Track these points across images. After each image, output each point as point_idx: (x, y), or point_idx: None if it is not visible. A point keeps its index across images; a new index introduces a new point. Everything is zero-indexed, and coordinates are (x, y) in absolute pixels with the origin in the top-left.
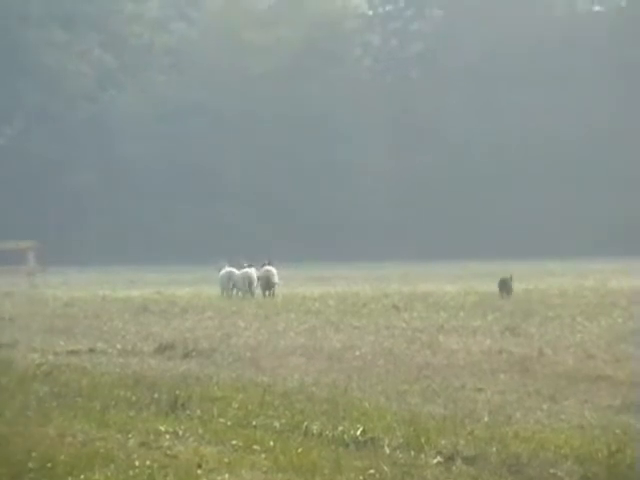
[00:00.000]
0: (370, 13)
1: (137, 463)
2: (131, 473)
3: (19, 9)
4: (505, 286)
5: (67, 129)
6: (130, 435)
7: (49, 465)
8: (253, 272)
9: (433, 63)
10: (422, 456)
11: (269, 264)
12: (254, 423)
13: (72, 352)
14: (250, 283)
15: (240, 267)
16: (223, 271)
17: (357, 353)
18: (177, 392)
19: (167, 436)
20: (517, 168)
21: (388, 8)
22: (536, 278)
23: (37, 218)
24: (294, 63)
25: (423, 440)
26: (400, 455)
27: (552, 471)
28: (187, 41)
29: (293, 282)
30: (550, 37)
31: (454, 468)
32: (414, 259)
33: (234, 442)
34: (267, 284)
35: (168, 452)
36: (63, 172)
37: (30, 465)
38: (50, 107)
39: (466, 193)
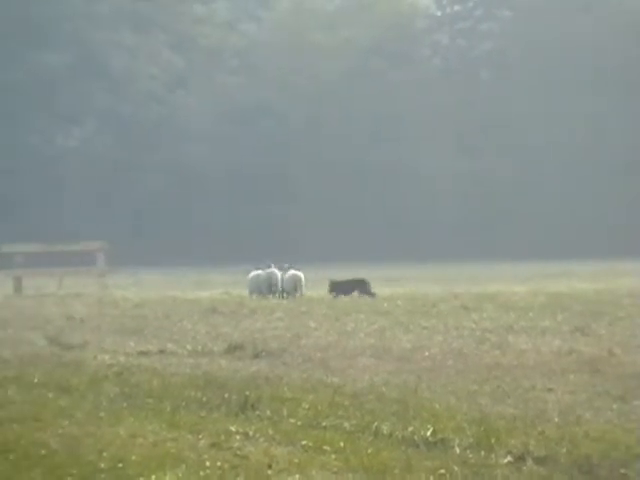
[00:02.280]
0: (439, 13)
1: (208, 464)
2: (202, 474)
3: (88, 11)
4: None
5: (136, 131)
6: (201, 436)
7: (120, 465)
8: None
9: (502, 63)
10: (492, 456)
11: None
12: (324, 424)
13: (142, 353)
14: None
15: (282, 269)
16: (252, 274)
17: (427, 354)
18: (247, 393)
19: (237, 437)
20: (583, 169)
21: (457, 8)
22: (605, 278)
23: (107, 219)
24: (362, 64)
25: (493, 440)
26: (470, 455)
27: (623, 471)
28: (255, 42)
29: None
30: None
31: (524, 468)
32: (483, 259)
33: (304, 443)
34: (294, 287)
35: (238, 453)
36: (132, 173)
37: (102, 465)
38: (119, 109)
39: (533, 194)
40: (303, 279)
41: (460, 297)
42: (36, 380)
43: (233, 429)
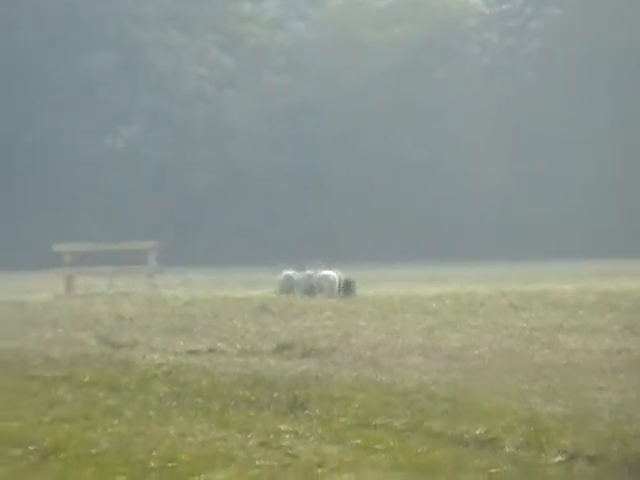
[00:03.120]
0: (487, 11)
1: (257, 463)
2: (252, 473)
3: (136, 12)
4: None
5: (184, 130)
6: (250, 435)
7: (170, 464)
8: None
9: (550, 61)
10: (543, 455)
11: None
12: (374, 422)
13: (192, 352)
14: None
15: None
16: (282, 274)
17: (476, 352)
18: (296, 392)
19: (287, 436)
20: (631, 168)
21: (506, 6)
22: None
23: (156, 219)
24: (411, 62)
25: (544, 439)
26: (521, 454)
27: None
28: (303, 41)
29: (409, 282)
30: None
31: (575, 467)
32: (530, 258)
33: (354, 441)
34: (329, 287)
35: (288, 452)
36: (180, 173)
37: (152, 464)
38: (167, 109)
39: (581, 192)
40: (336, 279)
41: (508, 296)
42: (86, 379)
43: (282, 428)
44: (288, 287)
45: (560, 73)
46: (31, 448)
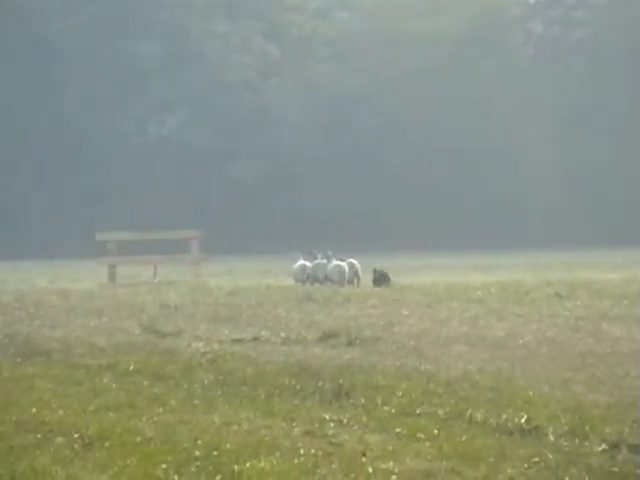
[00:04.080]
0: (532, 1)
1: (302, 451)
2: (296, 461)
3: (182, 0)
4: None
5: (229, 119)
6: (294, 423)
7: (215, 453)
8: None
9: (595, 51)
10: (587, 444)
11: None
12: (418, 411)
13: (236, 341)
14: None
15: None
16: (297, 264)
17: (520, 341)
18: (341, 380)
19: (331, 424)
20: None
21: None
22: None
23: (200, 207)
24: (454, 52)
25: (587, 428)
26: (565, 443)
27: None
28: (348, 31)
29: (455, 270)
30: None
31: (619, 456)
32: (575, 247)
33: (398, 430)
34: (339, 278)
35: (333, 440)
36: (225, 161)
37: (196, 453)
38: (212, 97)
39: (628, 180)
40: (347, 270)
41: (553, 285)
42: (131, 368)
43: (327, 417)
44: (303, 276)
45: (606, 62)
46: (75, 436)
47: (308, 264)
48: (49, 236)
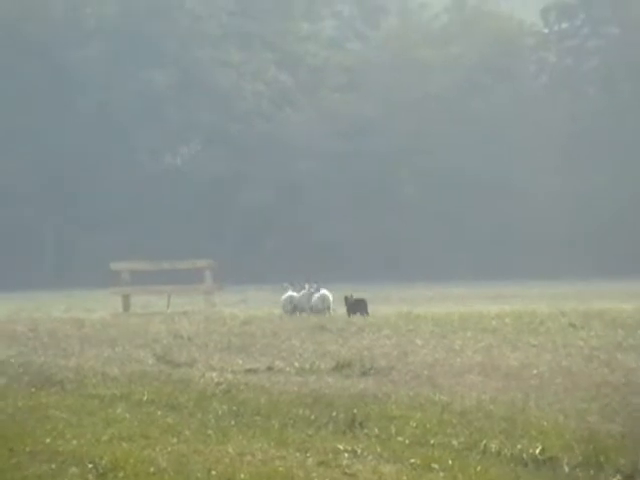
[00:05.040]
0: (546, 31)
1: None
2: None
3: (195, 30)
4: None
5: (243, 148)
6: (309, 454)
7: None
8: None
9: (609, 81)
10: (602, 475)
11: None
12: (432, 441)
13: (250, 370)
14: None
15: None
16: (285, 295)
17: (534, 371)
18: (355, 411)
19: (345, 455)
20: None
21: (564, 26)
22: None
23: (214, 236)
24: (468, 81)
25: (602, 458)
26: (579, 474)
27: None
28: (362, 59)
29: (470, 300)
30: None
31: None
32: (589, 276)
33: (412, 461)
34: (323, 307)
35: (347, 471)
36: (239, 190)
37: None
38: (226, 126)
39: None
40: (331, 299)
41: (568, 315)
42: (144, 398)
43: (341, 447)
44: (290, 307)
45: (619, 91)
46: (89, 466)
47: (295, 295)
48: (62, 265)
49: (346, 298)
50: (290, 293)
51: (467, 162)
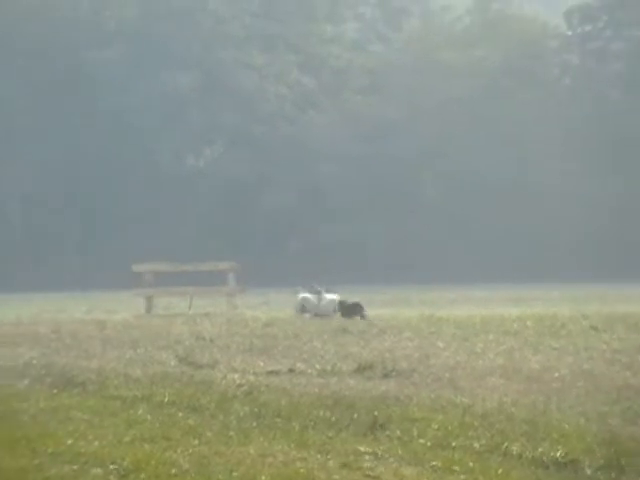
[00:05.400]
0: (569, 33)
1: None
2: None
3: (219, 32)
4: None
5: (266, 150)
6: (330, 456)
7: None
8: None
9: (632, 83)
10: (623, 478)
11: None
12: (453, 444)
13: (272, 372)
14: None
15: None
16: (299, 296)
17: (556, 374)
18: (376, 413)
19: (367, 457)
20: None
21: (587, 28)
22: None
23: (236, 238)
24: (491, 83)
25: (624, 462)
26: (601, 477)
27: None
28: (384, 62)
29: (492, 303)
30: None
31: None
32: (612, 279)
33: (434, 463)
34: (334, 310)
35: (369, 473)
36: (262, 192)
37: None
38: (249, 128)
39: None
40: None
41: (589, 317)
42: (166, 399)
43: (362, 449)
44: (303, 309)
45: None
46: (111, 467)
47: (309, 296)
48: (84, 267)
49: (341, 303)
50: (302, 295)
51: (489, 165)
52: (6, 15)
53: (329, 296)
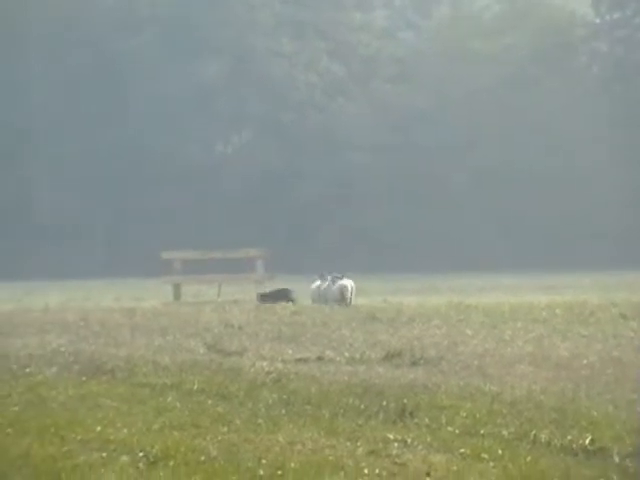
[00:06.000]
0: (597, 21)
1: (366, 471)
2: None
3: (249, 19)
4: None
5: (295, 138)
6: (359, 443)
7: (279, 472)
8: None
9: None
10: None
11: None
12: (482, 432)
13: (300, 360)
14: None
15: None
16: (314, 285)
17: (585, 362)
18: (405, 400)
19: (395, 444)
20: None
21: (615, 16)
22: None
23: (264, 226)
24: (519, 72)
25: None
26: (630, 464)
27: None
28: (414, 50)
29: (521, 290)
30: None
31: None
32: None
33: (462, 450)
34: (342, 297)
35: (397, 460)
36: (290, 181)
37: (260, 472)
38: (278, 116)
39: None
40: (350, 288)
41: (618, 305)
42: (195, 387)
43: (391, 437)
44: (316, 297)
45: None
46: (140, 455)
47: (321, 285)
48: (112, 255)
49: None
50: (318, 283)
51: (518, 154)
52: (37, 5)
53: (340, 283)
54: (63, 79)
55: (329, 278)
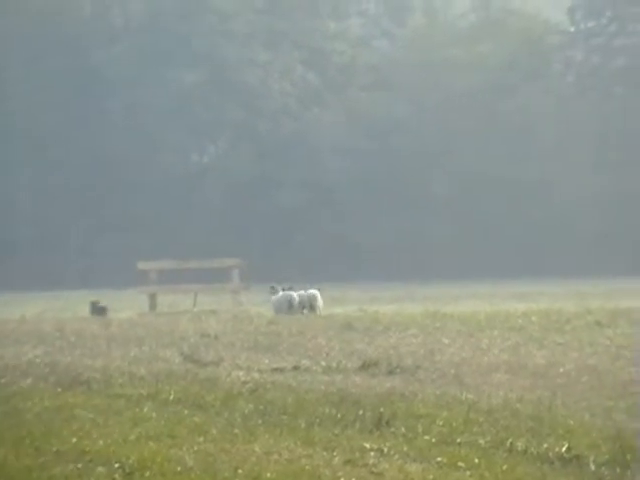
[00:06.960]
0: (572, 29)
1: None
2: None
3: (223, 29)
4: None
5: (271, 147)
6: (335, 452)
7: None
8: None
9: (636, 79)
10: (628, 473)
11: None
12: (458, 440)
13: (276, 369)
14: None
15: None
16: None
17: (561, 370)
18: (381, 409)
19: (372, 453)
20: None
21: (590, 24)
22: None
23: (241, 236)
24: (495, 80)
25: (629, 457)
26: (606, 472)
27: None
28: (389, 58)
29: (497, 298)
30: None
31: None
32: (616, 275)
33: (439, 459)
34: (311, 306)
35: (373, 470)
36: (266, 189)
37: None
38: (254, 125)
39: None
40: (319, 298)
41: (594, 313)
42: (171, 397)
43: (368, 446)
44: (276, 308)
45: None
46: (116, 466)
47: (293, 294)
48: (88, 265)
49: (92, 304)
50: (282, 293)
51: (494, 161)
52: (13, 14)
53: (308, 292)
54: (39, 88)
55: (280, 290)
